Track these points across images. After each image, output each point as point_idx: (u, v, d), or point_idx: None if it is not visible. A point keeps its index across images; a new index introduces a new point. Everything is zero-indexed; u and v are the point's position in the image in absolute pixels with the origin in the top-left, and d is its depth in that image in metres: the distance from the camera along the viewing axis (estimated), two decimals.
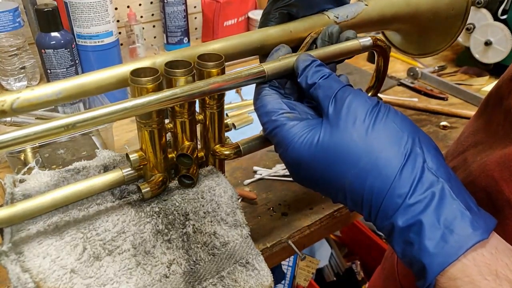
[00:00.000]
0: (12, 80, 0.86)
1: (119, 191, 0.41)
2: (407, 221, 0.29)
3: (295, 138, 0.34)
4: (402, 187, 0.30)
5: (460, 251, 0.28)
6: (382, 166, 0.31)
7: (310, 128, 0.34)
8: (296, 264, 1.26)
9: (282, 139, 0.35)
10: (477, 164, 0.42)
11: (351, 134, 0.32)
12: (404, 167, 0.30)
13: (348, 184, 0.32)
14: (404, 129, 0.32)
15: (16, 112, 0.33)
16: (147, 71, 0.37)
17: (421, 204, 0.29)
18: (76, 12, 0.77)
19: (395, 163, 0.31)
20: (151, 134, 0.39)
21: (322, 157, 0.33)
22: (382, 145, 0.31)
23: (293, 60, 0.39)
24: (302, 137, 0.34)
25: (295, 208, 0.58)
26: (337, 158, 0.32)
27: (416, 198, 0.29)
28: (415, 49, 0.57)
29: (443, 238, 0.28)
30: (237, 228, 0.40)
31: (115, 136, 0.69)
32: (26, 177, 0.41)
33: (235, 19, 1.13)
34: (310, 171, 0.34)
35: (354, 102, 0.34)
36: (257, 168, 0.65)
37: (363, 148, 0.32)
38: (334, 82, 0.36)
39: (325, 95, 0.35)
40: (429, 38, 0.55)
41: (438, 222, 0.29)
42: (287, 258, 1.23)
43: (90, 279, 0.35)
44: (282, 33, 0.44)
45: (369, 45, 0.46)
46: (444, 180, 0.30)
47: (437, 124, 0.80)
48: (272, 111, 0.37)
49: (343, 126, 0.33)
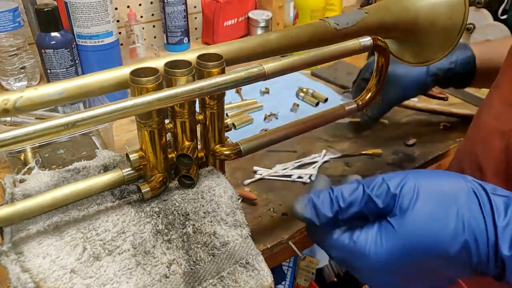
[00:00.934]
0: (12, 80, 0.86)
1: (119, 191, 0.41)
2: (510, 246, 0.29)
3: (366, 247, 0.32)
4: (489, 224, 0.30)
5: None
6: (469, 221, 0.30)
7: (376, 231, 0.32)
8: (297, 264, 1.26)
9: (353, 254, 0.33)
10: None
11: (425, 215, 0.31)
12: (484, 206, 0.30)
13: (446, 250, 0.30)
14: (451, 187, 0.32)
15: (18, 111, 0.33)
16: (147, 71, 0.37)
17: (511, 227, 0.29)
18: (76, 12, 0.77)
19: (475, 206, 0.30)
20: (151, 134, 0.39)
21: (409, 250, 0.31)
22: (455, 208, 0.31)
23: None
24: (377, 243, 0.32)
25: None
26: (425, 241, 0.31)
27: (504, 227, 0.29)
28: (412, 58, 0.58)
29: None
30: (237, 228, 0.40)
31: (115, 136, 0.69)
32: (26, 177, 0.41)
33: (235, 19, 1.13)
34: (402, 268, 0.32)
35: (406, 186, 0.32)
36: (257, 168, 0.65)
37: (443, 220, 0.30)
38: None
39: (364, 204, 0.33)
40: (426, 48, 0.55)
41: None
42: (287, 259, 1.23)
43: (90, 279, 0.35)
44: (283, 38, 0.44)
45: (369, 45, 0.46)
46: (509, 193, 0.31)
47: (437, 124, 0.80)
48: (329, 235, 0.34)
49: (413, 212, 0.31)
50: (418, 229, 0.30)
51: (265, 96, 0.88)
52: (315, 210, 0.33)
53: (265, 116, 0.80)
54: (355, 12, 0.49)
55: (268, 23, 1.14)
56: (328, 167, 0.67)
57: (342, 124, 0.77)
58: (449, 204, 0.31)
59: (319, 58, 0.43)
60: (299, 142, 0.72)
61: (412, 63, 0.58)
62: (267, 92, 0.89)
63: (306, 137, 0.73)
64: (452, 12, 0.51)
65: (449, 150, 0.73)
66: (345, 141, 0.74)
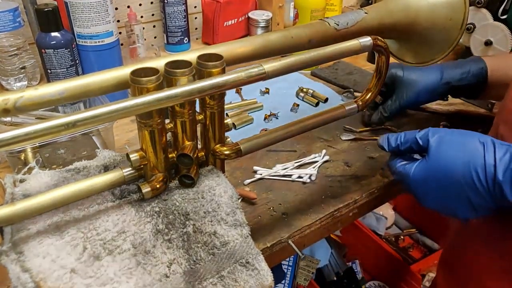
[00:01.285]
0: (12, 80, 0.86)
1: (119, 191, 0.42)
2: (504, 173, 0.41)
3: (411, 169, 0.48)
4: (490, 158, 0.43)
5: None
6: (474, 154, 0.44)
7: (418, 162, 0.49)
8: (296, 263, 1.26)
9: (404, 175, 0.50)
10: None
11: (445, 151, 0.46)
12: (487, 148, 0.44)
13: (457, 175, 0.45)
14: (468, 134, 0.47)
15: (19, 110, 0.33)
16: (147, 71, 0.37)
17: (506, 159, 0.42)
18: (76, 12, 0.77)
19: (480, 149, 0.44)
20: (151, 134, 0.39)
21: (434, 173, 0.46)
22: (466, 145, 0.45)
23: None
24: (417, 167, 0.48)
25: (295, 208, 0.58)
26: (446, 168, 0.46)
27: (501, 159, 0.42)
28: (412, 58, 0.58)
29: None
30: (237, 227, 0.40)
31: (115, 136, 0.69)
32: (26, 177, 0.41)
33: (235, 19, 1.13)
34: (429, 185, 0.47)
35: (435, 133, 0.48)
36: (257, 168, 0.65)
37: (456, 153, 0.45)
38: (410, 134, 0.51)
39: (412, 142, 0.50)
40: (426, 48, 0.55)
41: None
42: (287, 258, 1.23)
43: (90, 279, 0.35)
44: (284, 39, 0.44)
45: (369, 45, 0.46)
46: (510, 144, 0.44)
47: (437, 124, 0.80)
48: (394, 163, 0.52)
49: (437, 149, 0.47)
50: (442, 159, 0.46)
51: (265, 96, 0.88)
52: (387, 141, 0.52)
53: (265, 116, 0.80)
54: (355, 12, 0.49)
55: (268, 23, 1.14)
56: (328, 167, 0.67)
57: (342, 124, 0.77)
58: (463, 148, 0.45)
59: (319, 58, 0.43)
60: (299, 142, 0.72)
61: (412, 63, 0.59)
62: (267, 92, 0.89)
63: (306, 137, 0.73)
64: (452, 12, 0.51)
65: None
66: (345, 141, 0.74)
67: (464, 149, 0.45)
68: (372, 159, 0.69)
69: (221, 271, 0.37)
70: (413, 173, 0.48)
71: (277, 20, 1.17)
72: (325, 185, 0.63)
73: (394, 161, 0.52)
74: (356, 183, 0.64)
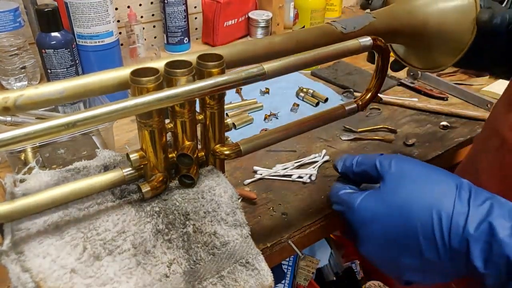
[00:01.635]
0: (13, 80, 0.86)
1: (119, 191, 0.42)
2: (478, 226, 0.32)
3: (356, 199, 0.39)
4: (463, 205, 0.34)
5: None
6: (442, 196, 0.35)
7: (368, 192, 0.40)
8: (296, 263, 1.26)
9: (346, 206, 0.41)
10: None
11: (406, 184, 0.37)
12: (460, 191, 0.35)
13: (415, 220, 0.35)
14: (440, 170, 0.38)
15: (19, 109, 0.33)
16: (147, 71, 0.37)
17: (483, 210, 0.33)
18: (76, 12, 0.77)
19: (451, 191, 0.35)
20: (151, 134, 0.39)
21: (386, 210, 0.37)
22: (435, 184, 0.36)
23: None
24: (364, 199, 0.39)
25: (295, 208, 0.58)
26: (403, 205, 0.36)
27: (477, 209, 0.33)
28: (420, 63, 0.57)
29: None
30: (237, 228, 0.40)
31: (115, 135, 0.70)
32: (26, 176, 0.41)
33: (235, 19, 1.13)
34: (376, 225, 0.38)
35: (399, 161, 0.39)
36: (257, 168, 0.65)
37: (420, 190, 0.36)
38: (367, 156, 0.43)
39: (369, 165, 0.41)
40: (435, 53, 0.54)
41: (505, 218, 0.32)
42: (287, 258, 1.23)
43: (90, 279, 0.35)
44: (288, 41, 0.44)
45: (369, 45, 0.46)
46: (493, 194, 0.35)
47: (437, 124, 0.80)
48: (336, 190, 0.43)
49: (397, 179, 0.38)
50: (399, 193, 0.37)
51: (265, 96, 0.88)
52: (343, 161, 0.44)
53: (265, 116, 0.80)
54: (363, 16, 0.49)
55: (268, 23, 1.14)
56: (328, 167, 0.67)
57: (342, 124, 0.77)
58: (430, 186, 0.36)
59: (319, 58, 0.43)
60: (299, 142, 0.72)
61: (420, 68, 0.58)
62: (267, 92, 0.89)
63: (306, 137, 0.73)
64: (462, 17, 0.50)
65: (448, 150, 0.73)
66: (345, 141, 0.74)
67: (432, 188, 0.35)
68: None
69: (221, 271, 0.37)
70: (358, 203, 0.39)
71: (277, 20, 1.17)
72: (325, 185, 0.63)
73: (338, 186, 0.43)
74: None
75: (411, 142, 0.73)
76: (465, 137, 0.76)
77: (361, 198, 0.39)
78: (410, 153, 0.71)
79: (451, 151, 0.73)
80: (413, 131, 0.77)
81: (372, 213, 0.38)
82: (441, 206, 0.34)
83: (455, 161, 0.79)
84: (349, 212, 0.40)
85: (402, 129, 0.78)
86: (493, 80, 0.95)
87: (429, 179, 0.36)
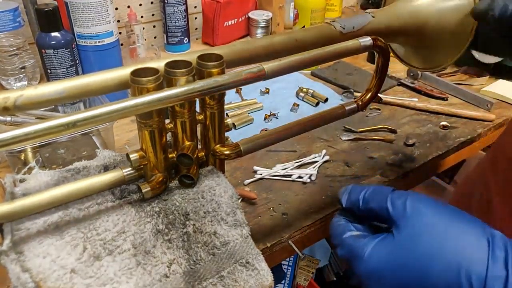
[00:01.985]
0: (12, 80, 0.86)
1: (119, 191, 0.42)
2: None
3: (366, 248, 0.33)
4: (498, 266, 0.28)
5: None
6: (471, 254, 0.30)
7: (380, 239, 0.33)
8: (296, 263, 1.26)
9: (353, 254, 0.34)
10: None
11: (426, 233, 0.31)
12: (494, 249, 0.29)
13: (436, 278, 0.30)
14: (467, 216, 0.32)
15: (19, 109, 0.33)
16: (147, 71, 0.37)
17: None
18: (76, 12, 0.77)
19: (483, 248, 0.30)
20: (151, 134, 0.39)
21: (401, 263, 0.31)
22: (461, 235, 0.31)
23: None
24: (375, 248, 0.33)
25: (295, 208, 0.58)
26: (422, 260, 0.31)
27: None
28: (420, 63, 0.57)
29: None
30: (237, 228, 0.40)
31: (115, 136, 0.69)
32: (26, 176, 0.41)
33: (235, 19, 1.13)
34: (388, 280, 0.32)
35: (415, 202, 0.33)
36: (257, 168, 0.65)
37: (443, 243, 0.30)
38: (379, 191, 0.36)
39: (379, 205, 0.34)
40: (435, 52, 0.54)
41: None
42: (287, 258, 1.23)
43: (90, 279, 0.35)
44: (288, 41, 0.44)
45: (369, 45, 0.46)
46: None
47: (437, 124, 0.80)
48: (340, 231, 0.36)
49: (414, 227, 0.32)
50: (420, 245, 0.31)
51: (265, 96, 0.88)
52: (349, 193, 0.37)
53: (265, 116, 0.80)
54: (362, 16, 0.49)
55: (268, 23, 1.14)
56: (328, 167, 0.67)
57: (342, 124, 0.77)
58: (455, 239, 0.30)
59: (319, 58, 0.43)
60: (299, 142, 0.72)
61: (420, 68, 0.58)
62: (267, 92, 0.89)
63: (306, 137, 0.73)
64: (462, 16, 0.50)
65: (448, 150, 0.73)
66: (345, 141, 0.74)
67: (457, 241, 0.30)
68: (372, 159, 0.69)
69: (221, 271, 0.37)
70: (368, 254, 0.33)
71: (277, 20, 1.17)
72: (325, 185, 0.63)
73: (341, 225, 0.37)
74: (356, 183, 0.64)
75: (412, 142, 0.73)
76: (466, 137, 0.76)
77: (372, 247, 0.33)
78: (410, 153, 0.71)
79: (451, 151, 0.73)
80: (413, 131, 0.77)
81: (385, 267, 0.32)
82: (471, 267, 0.29)
83: (455, 161, 0.79)
84: (356, 261, 0.34)
85: (402, 129, 0.78)
86: (493, 80, 0.95)
87: (453, 229, 0.31)
